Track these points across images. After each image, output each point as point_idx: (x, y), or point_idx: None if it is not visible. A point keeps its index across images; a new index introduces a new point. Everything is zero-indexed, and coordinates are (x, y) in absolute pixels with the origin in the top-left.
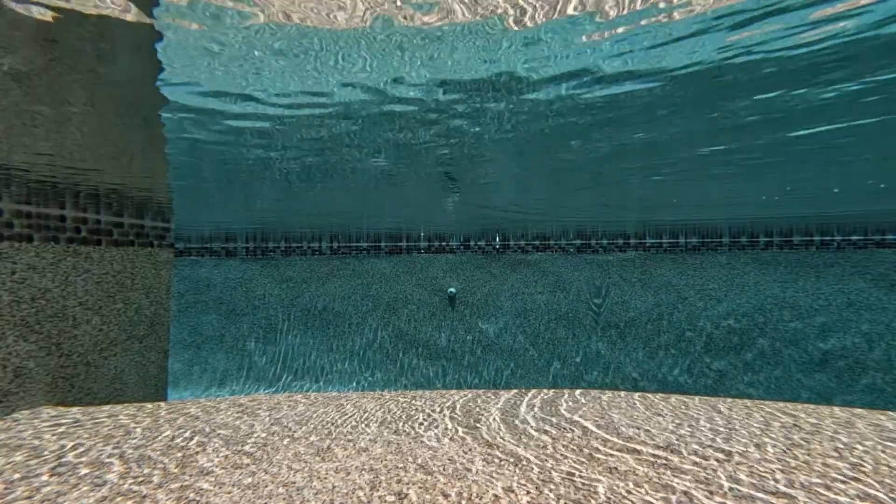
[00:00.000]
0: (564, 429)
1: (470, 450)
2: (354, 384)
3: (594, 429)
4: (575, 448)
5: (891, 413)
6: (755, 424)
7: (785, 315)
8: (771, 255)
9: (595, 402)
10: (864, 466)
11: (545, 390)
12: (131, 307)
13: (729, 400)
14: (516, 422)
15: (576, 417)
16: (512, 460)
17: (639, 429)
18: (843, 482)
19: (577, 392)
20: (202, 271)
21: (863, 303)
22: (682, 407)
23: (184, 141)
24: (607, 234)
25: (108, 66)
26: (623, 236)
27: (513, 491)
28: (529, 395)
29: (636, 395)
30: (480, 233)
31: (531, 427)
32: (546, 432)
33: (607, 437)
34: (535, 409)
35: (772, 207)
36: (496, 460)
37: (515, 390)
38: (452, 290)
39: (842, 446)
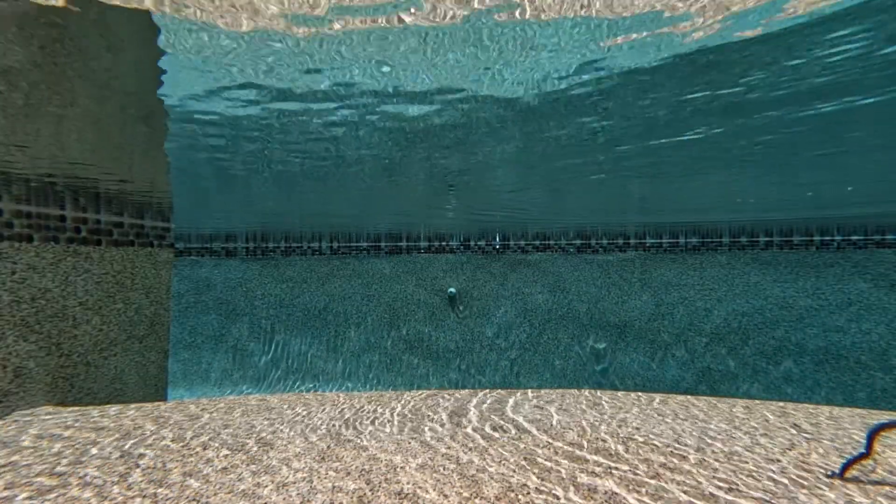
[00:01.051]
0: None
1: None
2: (354, 384)
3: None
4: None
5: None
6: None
7: (785, 315)
8: (771, 255)
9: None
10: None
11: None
12: (131, 307)
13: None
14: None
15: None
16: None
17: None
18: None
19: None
20: (202, 271)
21: (863, 303)
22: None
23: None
24: (607, 234)
25: (110, 65)
26: (623, 236)
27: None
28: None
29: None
30: (480, 233)
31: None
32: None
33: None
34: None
35: (769, 210)
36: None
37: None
38: (452, 290)
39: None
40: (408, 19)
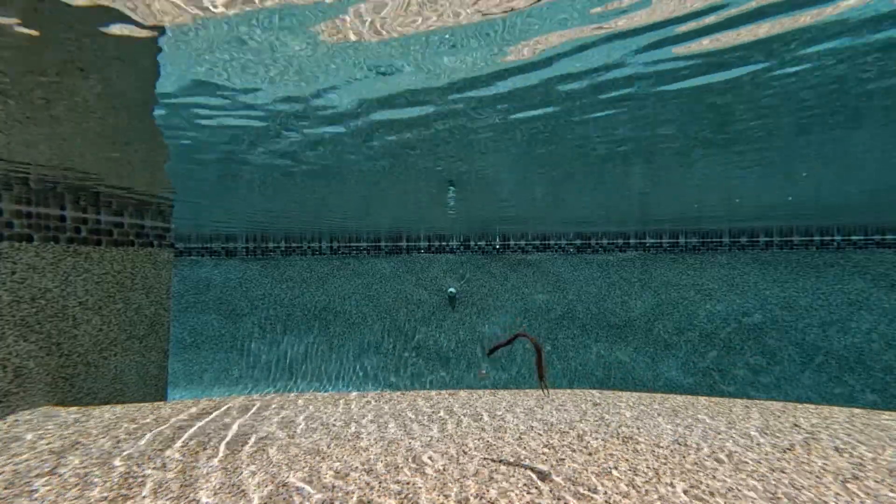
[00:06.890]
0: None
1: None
2: (353, 383)
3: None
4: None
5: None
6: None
7: (785, 315)
8: (771, 255)
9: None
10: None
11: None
12: (131, 307)
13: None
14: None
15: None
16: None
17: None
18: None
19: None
20: (202, 271)
21: (863, 302)
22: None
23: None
24: (607, 234)
25: (107, 68)
26: (623, 236)
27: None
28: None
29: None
30: (480, 233)
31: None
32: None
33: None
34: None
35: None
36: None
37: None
38: (452, 290)
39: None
40: None
